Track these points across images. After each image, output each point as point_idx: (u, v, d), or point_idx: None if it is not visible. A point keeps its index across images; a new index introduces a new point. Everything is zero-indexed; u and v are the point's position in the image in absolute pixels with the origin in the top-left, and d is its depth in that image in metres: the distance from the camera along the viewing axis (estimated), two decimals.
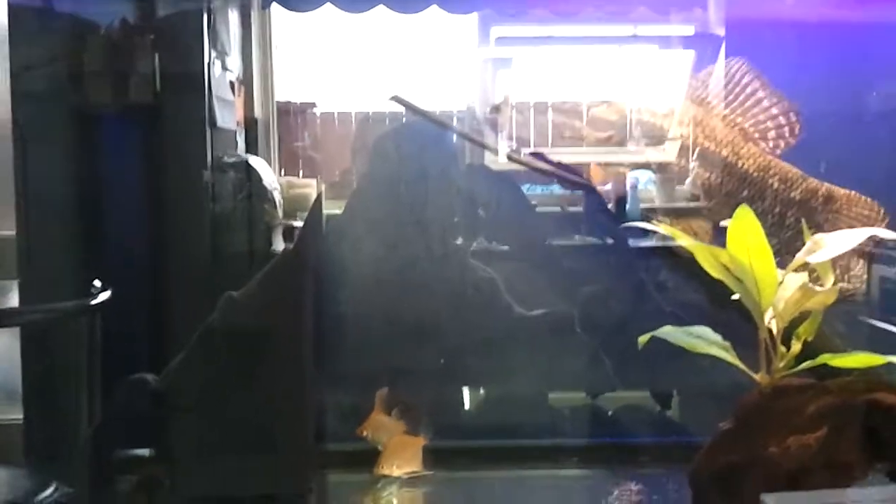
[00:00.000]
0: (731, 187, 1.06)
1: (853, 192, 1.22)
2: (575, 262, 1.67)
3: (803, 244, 0.92)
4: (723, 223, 0.93)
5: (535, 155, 1.51)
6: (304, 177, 1.88)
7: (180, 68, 1.58)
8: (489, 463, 1.21)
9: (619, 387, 1.43)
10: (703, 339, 0.97)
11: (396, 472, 1.19)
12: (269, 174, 1.75)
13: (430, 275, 1.43)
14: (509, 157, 1.47)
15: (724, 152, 1.15)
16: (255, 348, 1.20)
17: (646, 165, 1.80)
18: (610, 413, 1.46)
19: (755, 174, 1.05)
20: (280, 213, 1.75)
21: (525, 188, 1.76)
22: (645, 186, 1.80)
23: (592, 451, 1.29)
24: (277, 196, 1.75)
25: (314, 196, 1.82)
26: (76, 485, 1.06)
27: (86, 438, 1.16)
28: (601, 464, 1.26)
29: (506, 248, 1.58)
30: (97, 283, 1.20)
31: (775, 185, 1.06)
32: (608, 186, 1.80)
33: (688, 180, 1.80)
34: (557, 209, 1.79)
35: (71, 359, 1.13)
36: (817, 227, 1.08)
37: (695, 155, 1.82)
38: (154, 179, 1.54)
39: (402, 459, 1.19)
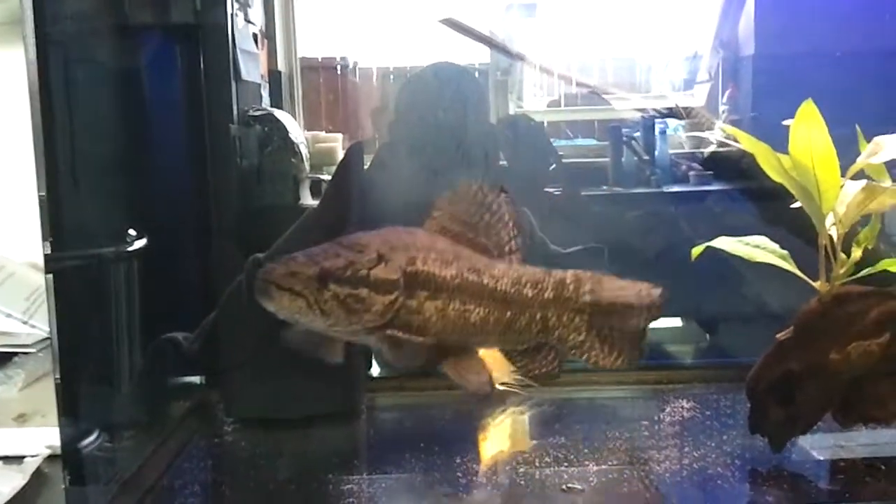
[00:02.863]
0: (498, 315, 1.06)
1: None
2: (604, 207, 1.67)
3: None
4: None
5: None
6: (328, 132, 1.86)
7: (204, 20, 1.56)
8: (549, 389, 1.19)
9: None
10: (761, 248, 0.95)
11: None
12: (295, 128, 1.73)
13: None
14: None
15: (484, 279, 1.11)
16: None
17: (675, 111, 1.78)
18: (654, 339, 1.45)
19: (512, 290, 1.05)
20: (307, 166, 1.73)
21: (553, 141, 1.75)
22: (674, 132, 1.79)
23: (639, 374, 1.29)
24: (304, 150, 1.73)
25: (339, 151, 1.81)
26: (121, 428, 1.06)
27: (131, 381, 1.15)
28: (650, 385, 1.26)
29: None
30: (131, 231, 1.19)
31: (529, 293, 1.06)
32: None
33: (717, 124, 1.79)
34: (587, 160, 1.78)
35: (108, 309, 1.12)
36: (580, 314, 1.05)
37: (725, 98, 1.82)
38: (182, 132, 1.52)
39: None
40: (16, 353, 1.30)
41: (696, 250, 0.99)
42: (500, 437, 1.14)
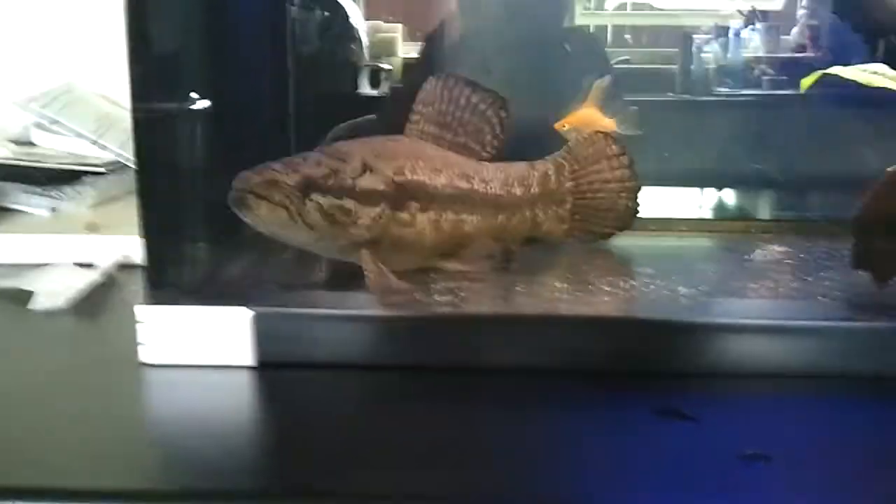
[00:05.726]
0: (491, 221, 1.02)
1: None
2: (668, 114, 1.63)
3: None
4: None
5: None
6: (387, 23, 1.81)
7: None
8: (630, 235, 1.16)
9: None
10: (880, 75, 0.91)
11: None
12: (356, 14, 1.68)
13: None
14: None
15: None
16: None
17: (750, 12, 1.72)
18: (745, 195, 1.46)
19: (503, 192, 1.03)
20: (366, 55, 1.69)
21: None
22: (750, 35, 1.72)
23: (728, 224, 1.29)
24: (364, 37, 1.69)
25: (399, 42, 1.76)
26: (196, 242, 1.03)
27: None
28: (738, 232, 1.25)
29: None
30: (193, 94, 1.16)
31: (518, 192, 1.08)
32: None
33: (794, 29, 1.72)
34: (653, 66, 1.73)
35: (180, 153, 1.10)
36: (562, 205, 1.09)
37: (805, 1, 1.74)
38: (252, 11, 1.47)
39: None
40: (86, 172, 1.30)
41: (808, 80, 0.96)
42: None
